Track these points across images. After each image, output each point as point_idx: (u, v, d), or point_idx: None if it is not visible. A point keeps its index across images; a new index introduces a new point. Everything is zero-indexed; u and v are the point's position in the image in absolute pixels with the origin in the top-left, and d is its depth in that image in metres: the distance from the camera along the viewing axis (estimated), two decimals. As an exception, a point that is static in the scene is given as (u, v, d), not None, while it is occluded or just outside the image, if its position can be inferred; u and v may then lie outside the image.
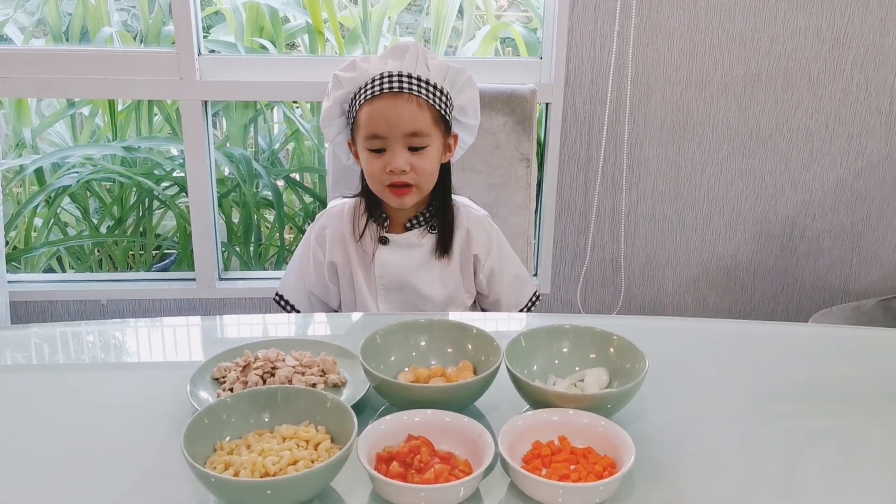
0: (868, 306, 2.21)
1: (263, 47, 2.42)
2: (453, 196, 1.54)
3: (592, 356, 1.12)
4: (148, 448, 1.00)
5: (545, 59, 2.20)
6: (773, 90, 2.21)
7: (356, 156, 1.49)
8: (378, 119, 1.39)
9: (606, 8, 2.11)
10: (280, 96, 2.32)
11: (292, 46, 2.57)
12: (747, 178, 2.30)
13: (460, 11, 2.48)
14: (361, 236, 1.50)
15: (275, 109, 2.60)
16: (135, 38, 2.48)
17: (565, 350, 1.12)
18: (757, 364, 1.25)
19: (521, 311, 1.58)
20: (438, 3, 2.42)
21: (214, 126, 2.51)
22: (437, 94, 1.42)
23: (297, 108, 2.54)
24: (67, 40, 2.40)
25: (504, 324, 1.43)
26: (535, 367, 1.11)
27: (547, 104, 2.20)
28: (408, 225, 1.51)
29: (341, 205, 1.55)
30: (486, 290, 1.56)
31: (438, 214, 1.51)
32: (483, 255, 1.53)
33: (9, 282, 2.25)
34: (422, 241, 1.51)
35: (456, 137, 1.51)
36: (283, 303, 1.59)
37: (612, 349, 1.11)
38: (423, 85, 1.41)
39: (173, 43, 2.14)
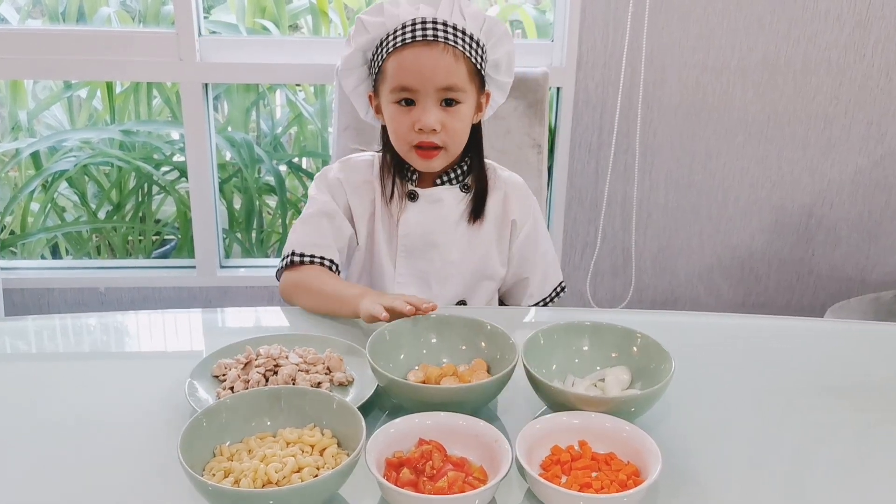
0: (886, 298, 2.15)
1: (266, 28, 2.36)
2: (488, 161, 1.43)
3: (614, 355, 1.06)
4: (143, 450, 0.95)
5: (557, 41, 2.13)
6: (792, 75, 2.14)
7: (377, 110, 1.36)
8: (409, 69, 1.26)
9: (620, -11, 2.04)
10: (283, 79, 2.25)
11: (295, 28, 2.50)
12: (763, 165, 2.24)
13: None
14: (391, 196, 1.37)
15: (277, 92, 2.54)
16: (134, 20, 2.41)
17: (585, 348, 1.07)
18: (780, 361, 1.19)
19: (544, 301, 1.46)
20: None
21: (216, 109, 2.45)
22: (474, 45, 1.29)
23: (301, 91, 2.48)
24: (64, 21, 2.34)
25: (518, 319, 1.36)
26: (553, 367, 1.05)
27: (558, 88, 2.14)
28: (438, 181, 1.38)
29: (363, 157, 1.42)
30: (516, 265, 1.43)
31: (472, 173, 1.39)
32: (520, 222, 1.41)
33: (2, 269, 2.19)
34: (454, 198, 1.38)
35: (488, 95, 1.37)
36: (304, 258, 1.35)
37: (634, 348, 1.05)
38: (460, 34, 1.27)
39: (173, 23, 2.07)
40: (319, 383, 1.03)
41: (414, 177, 1.38)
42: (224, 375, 1.05)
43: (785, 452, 0.98)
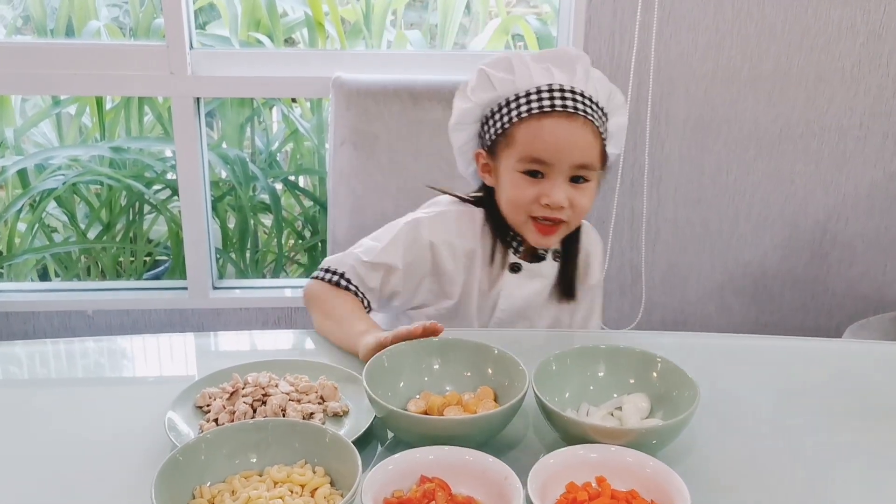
0: (906, 317, 2.07)
1: (260, 42, 2.29)
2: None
3: (631, 381, 0.98)
4: (120, 489, 0.86)
5: (561, 52, 2.06)
6: (804, 86, 2.07)
7: (485, 170, 1.26)
8: (547, 142, 1.16)
9: (627, -2, 1.97)
10: (278, 93, 2.18)
11: (291, 42, 2.43)
12: (776, 179, 2.16)
13: (467, 7, 2.35)
14: (492, 261, 1.27)
15: (273, 108, 2.47)
16: (124, 35, 2.34)
17: (601, 374, 0.99)
18: (804, 384, 1.11)
19: None
20: (446, -2, 2.29)
21: (209, 127, 2.38)
22: (604, 118, 1.21)
23: (297, 106, 2.41)
24: (53, 36, 2.27)
25: (526, 343, 1.28)
26: (566, 395, 0.97)
27: (562, 101, 2.06)
28: (541, 253, 1.29)
29: (457, 209, 1.30)
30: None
31: (570, 241, 1.30)
32: (593, 279, 1.36)
33: (-14, 292, 2.11)
34: (551, 270, 1.31)
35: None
36: (342, 282, 1.24)
37: (654, 374, 0.97)
38: (592, 107, 1.18)
39: (164, 36, 2.00)
40: (312, 414, 0.95)
41: (520, 248, 1.29)
42: (208, 406, 0.97)
43: (837, 486, 0.89)
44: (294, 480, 0.80)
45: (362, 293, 1.24)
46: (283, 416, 0.94)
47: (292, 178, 2.46)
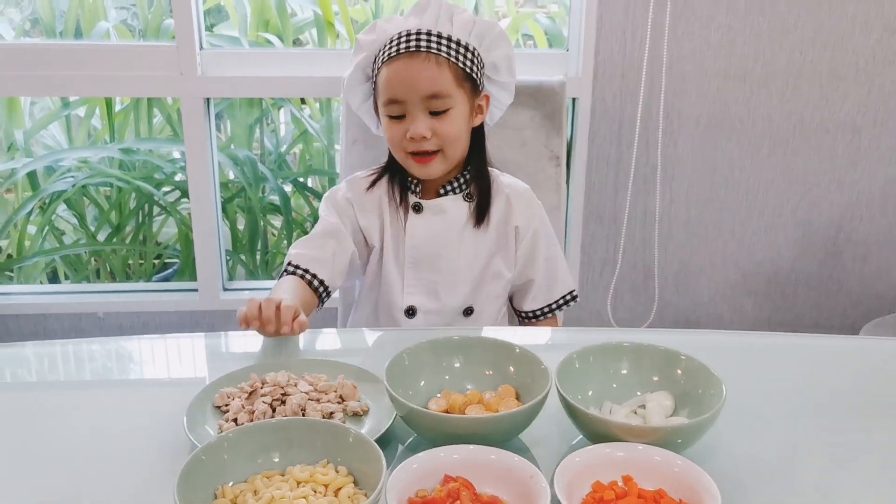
0: (923, 315, 2.06)
1: (269, 42, 2.28)
2: (491, 168, 1.43)
3: (655, 379, 0.96)
4: (139, 489, 0.85)
5: (572, 50, 2.05)
6: (818, 82, 2.05)
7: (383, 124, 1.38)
8: (395, 82, 1.30)
9: (639, -6, 1.96)
10: (287, 93, 2.17)
11: (300, 43, 2.42)
12: (789, 177, 2.14)
13: (475, 9, 2.34)
14: (399, 205, 1.39)
15: (282, 109, 2.46)
16: (134, 35, 2.34)
17: (624, 372, 0.97)
18: (824, 381, 1.09)
19: (550, 307, 1.45)
20: (454, -5, 2.27)
21: (218, 129, 2.37)
22: (462, 50, 1.31)
23: (306, 107, 2.40)
24: (61, 38, 2.26)
25: (546, 341, 1.26)
26: (589, 393, 0.95)
27: (574, 99, 2.05)
28: (441, 191, 1.39)
29: (368, 173, 1.44)
30: (520, 266, 1.43)
31: (475, 181, 1.40)
32: (524, 228, 1.42)
33: (-3, 294, 2.10)
34: (457, 208, 1.39)
35: (487, 98, 1.39)
36: (297, 271, 1.34)
37: (679, 371, 0.95)
38: (445, 42, 1.30)
39: (173, 37, 2.00)
40: (332, 413, 0.94)
41: (418, 189, 1.40)
42: (227, 406, 0.96)
43: (859, 484, 0.88)
44: (317, 480, 0.78)
45: (313, 275, 1.32)
46: (303, 415, 0.93)
47: (302, 179, 2.45)
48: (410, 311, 1.40)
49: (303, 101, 2.38)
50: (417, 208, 1.39)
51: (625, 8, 1.97)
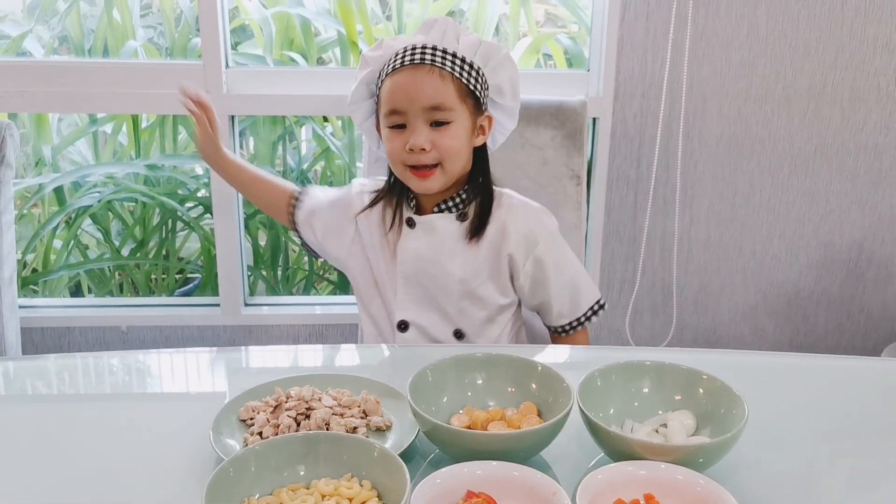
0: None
1: (293, 60, 2.31)
2: (501, 189, 1.41)
3: (677, 398, 0.97)
4: (160, 501, 0.86)
5: (593, 71, 2.07)
6: (839, 104, 2.05)
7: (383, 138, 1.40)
8: (397, 92, 1.30)
9: (660, 16, 1.97)
10: (311, 110, 2.19)
11: (323, 62, 2.45)
12: (810, 198, 2.14)
13: (496, 29, 2.36)
14: (391, 227, 1.40)
15: (304, 127, 2.48)
16: (161, 54, 2.38)
17: (646, 390, 0.98)
18: (846, 403, 1.09)
19: (579, 319, 1.44)
20: (476, 17, 2.30)
21: (241, 146, 2.40)
22: (466, 67, 1.32)
23: (328, 125, 2.42)
24: (90, 56, 2.30)
25: (566, 359, 1.27)
26: (611, 411, 0.96)
27: (594, 119, 2.06)
28: (435, 209, 1.39)
29: (372, 187, 1.47)
30: (528, 294, 1.42)
31: (472, 200, 1.39)
32: (520, 257, 1.38)
33: (22, 307, 2.13)
34: (448, 226, 1.38)
35: (490, 119, 1.39)
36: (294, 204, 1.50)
37: (701, 390, 0.96)
38: (450, 57, 1.31)
39: (199, 56, 2.03)
40: (355, 428, 0.95)
41: (413, 203, 1.40)
42: (252, 419, 0.97)
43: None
44: (342, 494, 0.80)
45: (300, 193, 1.49)
46: (327, 429, 0.94)
47: (323, 196, 2.47)
48: (403, 326, 1.40)
49: (325, 118, 2.41)
50: (410, 223, 1.39)
51: (645, 29, 1.99)
